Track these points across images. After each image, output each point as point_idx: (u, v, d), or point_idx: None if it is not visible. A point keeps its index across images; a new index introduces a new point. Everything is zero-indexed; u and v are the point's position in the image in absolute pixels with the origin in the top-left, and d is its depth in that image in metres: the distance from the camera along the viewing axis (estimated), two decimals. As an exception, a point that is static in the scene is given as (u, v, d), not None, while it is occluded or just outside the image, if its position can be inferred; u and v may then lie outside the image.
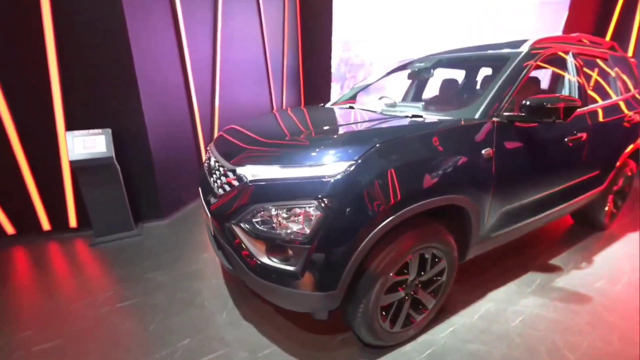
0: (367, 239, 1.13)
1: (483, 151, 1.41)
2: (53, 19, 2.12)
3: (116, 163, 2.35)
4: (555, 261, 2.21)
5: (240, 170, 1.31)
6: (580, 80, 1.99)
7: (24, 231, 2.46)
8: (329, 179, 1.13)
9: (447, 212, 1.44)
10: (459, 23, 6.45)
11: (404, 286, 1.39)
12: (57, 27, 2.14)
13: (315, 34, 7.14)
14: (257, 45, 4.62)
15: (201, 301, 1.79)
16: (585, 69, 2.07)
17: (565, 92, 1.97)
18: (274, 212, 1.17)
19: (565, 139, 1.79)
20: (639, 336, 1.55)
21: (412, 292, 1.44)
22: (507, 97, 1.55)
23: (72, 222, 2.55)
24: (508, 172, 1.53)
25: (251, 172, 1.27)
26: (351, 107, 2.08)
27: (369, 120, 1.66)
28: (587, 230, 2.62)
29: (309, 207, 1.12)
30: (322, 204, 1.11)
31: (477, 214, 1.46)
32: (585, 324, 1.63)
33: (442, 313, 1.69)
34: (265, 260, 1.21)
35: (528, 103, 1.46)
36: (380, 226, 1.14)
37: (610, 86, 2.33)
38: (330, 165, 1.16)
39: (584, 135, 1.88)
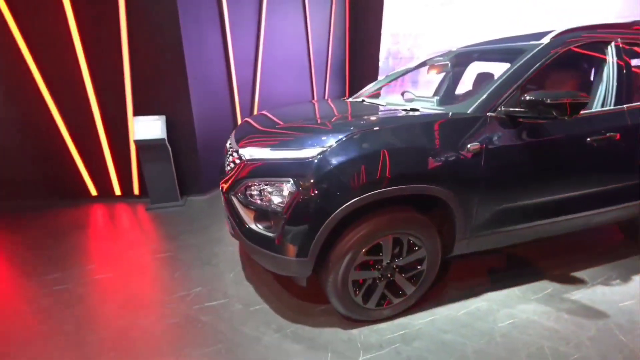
0: (332, 215, 1.28)
1: (469, 145, 1.41)
2: (128, 30, 2.67)
3: (167, 144, 2.85)
4: (581, 274, 2.01)
5: (241, 151, 1.57)
6: (623, 74, 1.75)
7: (103, 194, 3.17)
8: (304, 161, 1.31)
9: (432, 202, 1.49)
10: (518, 14, 5.81)
11: (379, 267, 1.50)
12: (130, 37, 2.69)
13: (364, 26, 7.13)
14: (300, 41, 4.88)
15: (217, 262, 2.13)
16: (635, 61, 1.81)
17: (601, 87, 1.77)
18: (261, 186, 1.39)
19: (588, 139, 1.63)
20: (653, 361, 1.39)
21: (389, 275, 1.54)
22: (509, 92, 1.50)
23: (136, 190, 3.17)
24: (503, 169, 1.49)
25: (249, 152, 1.52)
26: (363, 101, 2.18)
27: (366, 113, 1.76)
28: (640, 247, 2.28)
29: (287, 183, 1.32)
30: (297, 182, 1.29)
31: (462, 208, 1.47)
32: (587, 338, 1.51)
33: (427, 302, 1.73)
34: (252, 226, 1.45)
35: (527, 98, 1.40)
36: (344, 205, 1.27)
37: None
38: (307, 149, 1.33)
39: (618, 135, 1.68)
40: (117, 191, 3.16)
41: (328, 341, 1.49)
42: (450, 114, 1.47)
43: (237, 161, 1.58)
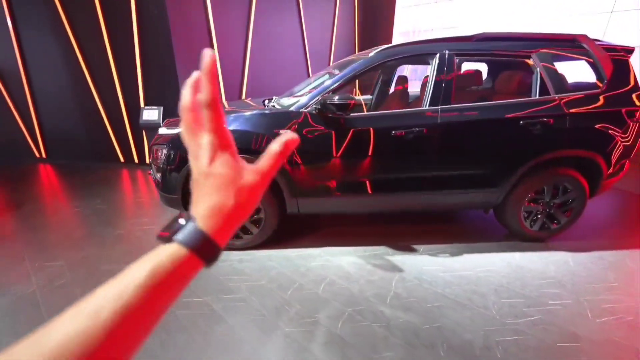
0: (182, 170, 2.09)
1: (281, 130, 2.05)
2: (139, 42, 3.82)
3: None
4: (422, 246, 2.41)
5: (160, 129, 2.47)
6: (441, 81, 2.11)
7: (126, 161, 4.49)
8: (169, 136, 2.15)
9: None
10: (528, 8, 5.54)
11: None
12: (141, 44, 3.84)
13: (375, 26, 7.45)
14: (294, 44, 5.62)
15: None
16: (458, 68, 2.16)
17: (426, 90, 2.16)
18: (160, 149, 2.27)
19: (393, 132, 2.08)
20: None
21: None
22: (318, 95, 2.07)
23: (147, 160, 4.42)
24: (308, 150, 2.08)
25: (165, 131, 2.40)
26: (264, 101, 2.86)
27: (240, 109, 2.46)
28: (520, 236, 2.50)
29: (164, 148, 2.17)
30: (167, 147, 2.14)
31: (281, 177, 2.12)
32: (367, 281, 2.02)
33: (275, 245, 2.41)
34: (157, 176, 2.35)
35: (320, 99, 1.98)
36: (187, 165, 2.06)
37: (511, 85, 2.25)
38: (173, 130, 2.16)
39: (425, 130, 2.08)
40: (135, 159, 4.46)
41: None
42: (268, 110, 2.13)
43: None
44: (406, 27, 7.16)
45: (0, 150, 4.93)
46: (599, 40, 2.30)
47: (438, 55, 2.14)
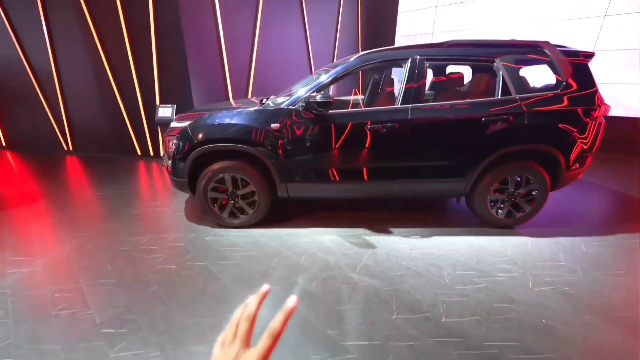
0: (189, 158, 2.47)
1: (273, 125, 2.40)
2: (156, 46, 4.27)
3: (176, 123, 4.40)
4: (397, 229, 2.71)
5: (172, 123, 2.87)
6: (412, 82, 2.41)
7: (143, 154, 4.96)
8: (179, 129, 2.54)
9: (256, 158, 2.52)
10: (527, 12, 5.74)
11: (227, 193, 2.62)
12: (158, 50, 4.29)
13: (377, 29, 7.74)
14: (298, 46, 5.98)
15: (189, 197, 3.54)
16: (431, 71, 2.45)
17: (399, 90, 2.47)
18: (171, 140, 2.66)
19: (369, 126, 2.39)
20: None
21: (236, 199, 2.64)
22: (305, 94, 2.41)
23: (162, 153, 4.87)
24: (295, 141, 2.42)
25: (176, 124, 2.80)
26: (261, 100, 3.22)
27: (245, 106, 2.83)
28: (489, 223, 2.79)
29: (174, 139, 2.56)
30: (177, 138, 2.53)
31: (273, 165, 2.47)
32: (343, 254, 2.35)
33: (269, 225, 2.76)
34: (169, 163, 2.74)
35: (304, 96, 2.32)
36: (192, 154, 2.45)
37: (480, 87, 2.53)
38: (182, 124, 2.56)
39: (397, 125, 2.39)
40: (151, 152, 4.92)
41: (198, 229, 2.70)
42: (262, 106, 2.48)
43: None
44: (408, 30, 7.40)
45: (34, 143, 5.52)
46: (561, 46, 2.54)
47: (410, 60, 2.45)
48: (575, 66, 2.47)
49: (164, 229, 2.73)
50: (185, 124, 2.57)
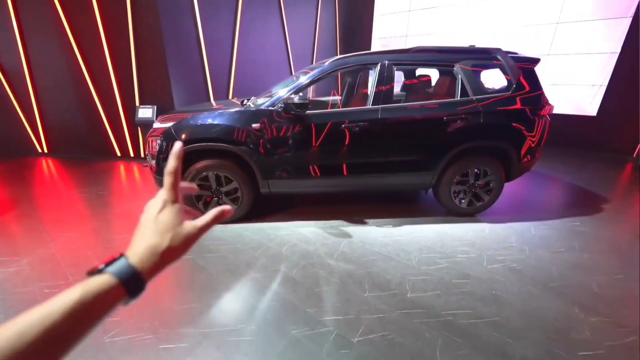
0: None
1: (254, 125, 2.57)
2: (135, 54, 4.28)
3: (156, 124, 4.44)
4: (373, 220, 2.95)
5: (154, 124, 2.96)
6: (381, 84, 2.65)
7: (123, 155, 4.95)
8: (162, 129, 2.64)
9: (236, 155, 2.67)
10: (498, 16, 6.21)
11: (211, 190, 2.75)
12: (137, 50, 4.31)
13: (355, 31, 8.01)
14: (278, 48, 6.12)
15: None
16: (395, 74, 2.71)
17: (370, 92, 2.70)
18: (155, 140, 2.75)
19: (343, 125, 2.61)
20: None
21: (220, 196, 2.78)
22: (284, 96, 2.59)
23: (142, 154, 4.88)
24: (276, 140, 2.60)
25: (159, 125, 2.88)
26: (242, 101, 3.36)
27: (226, 107, 2.97)
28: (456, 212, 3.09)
29: (157, 139, 2.66)
30: (160, 139, 2.63)
31: (255, 162, 2.63)
32: (321, 244, 2.55)
33: (252, 220, 2.92)
34: (152, 162, 2.83)
35: (282, 99, 2.51)
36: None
37: (443, 89, 2.83)
38: (165, 125, 2.67)
39: (367, 124, 2.62)
40: (132, 153, 4.91)
41: (184, 226, 2.82)
42: (244, 108, 2.64)
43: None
44: (383, 33, 7.71)
45: (3, 145, 5.33)
46: (512, 53, 2.87)
47: (379, 64, 2.68)
48: (524, 70, 2.80)
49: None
50: (169, 124, 2.68)
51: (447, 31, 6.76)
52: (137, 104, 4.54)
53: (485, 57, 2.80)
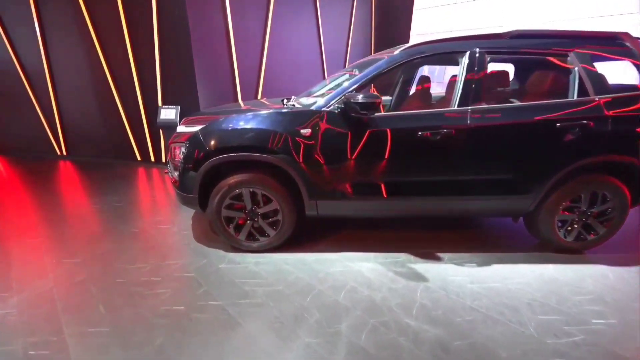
0: (200, 169, 2.04)
1: (302, 131, 1.98)
2: (159, 51, 3.85)
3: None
4: (447, 255, 2.28)
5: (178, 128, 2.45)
6: (471, 80, 2.00)
7: (143, 159, 4.53)
8: (188, 134, 2.11)
9: (281, 169, 2.10)
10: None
11: (245, 211, 2.19)
12: (161, 46, 3.87)
13: (392, 27, 7.36)
14: (311, 45, 5.58)
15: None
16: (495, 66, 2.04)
17: (455, 89, 2.05)
18: (178, 148, 2.24)
19: (420, 133, 1.98)
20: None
21: (255, 219, 2.21)
22: (340, 94, 1.99)
23: (164, 159, 4.44)
24: (330, 149, 2.00)
25: (183, 129, 2.37)
26: (282, 100, 2.79)
27: (257, 108, 2.40)
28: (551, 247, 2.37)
29: (182, 147, 2.14)
30: (185, 146, 2.10)
31: (301, 178, 2.05)
32: (388, 289, 1.92)
33: (297, 247, 2.33)
34: (175, 174, 2.32)
35: (343, 97, 1.90)
36: (205, 164, 2.03)
37: (544, 86, 2.12)
38: (192, 129, 2.13)
39: (453, 131, 1.97)
40: (152, 158, 4.49)
41: (209, 254, 2.27)
42: (289, 109, 2.06)
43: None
44: (424, 29, 7.03)
45: (24, 147, 5.08)
46: (642, 39, 2.14)
47: (468, 53, 2.03)
48: (662, 62, 2.06)
49: (169, 253, 2.30)
50: (195, 128, 2.15)
51: (500, 25, 5.98)
52: (160, 103, 4.10)
53: (611, 43, 2.09)
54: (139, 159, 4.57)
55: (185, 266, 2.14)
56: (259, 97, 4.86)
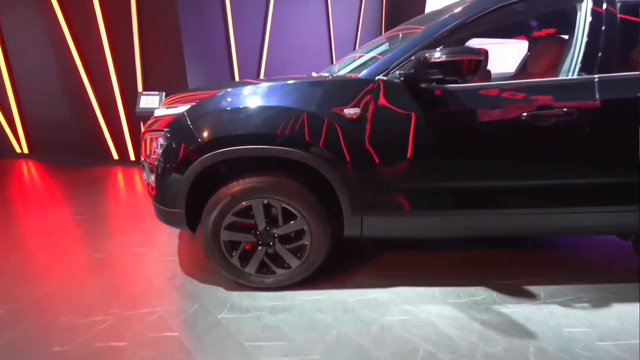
0: (188, 170, 1.33)
1: (346, 110, 1.29)
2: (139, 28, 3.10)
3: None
4: (540, 289, 1.62)
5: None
6: (598, 34, 1.34)
7: (121, 158, 3.76)
8: (170, 118, 1.40)
9: (313, 172, 1.41)
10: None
11: (255, 232, 1.48)
12: (140, 20, 3.12)
13: (404, 7, 6.74)
14: (318, 29, 4.88)
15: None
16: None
17: (568, 51, 1.39)
18: (155, 139, 1.51)
19: (525, 114, 1.30)
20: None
21: (270, 243, 1.51)
22: (407, 54, 1.30)
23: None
24: (388, 138, 1.31)
25: (163, 112, 1.65)
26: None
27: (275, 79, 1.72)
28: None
29: (160, 137, 1.42)
30: (165, 136, 1.38)
31: (343, 182, 1.35)
32: (483, 354, 1.24)
33: (326, 282, 1.64)
34: (151, 178, 1.59)
35: (414, 58, 1.21)
36: (195, 163, 1.32)
37: None
38: (174, 110, 1.42)
39: (575, 113, 1.30)
40: (132, 156, 3.73)
41: (203, 295, 1.56)
42: (330, 76, 1.36)
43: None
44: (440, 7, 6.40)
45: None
46: None
47: (588, 2, 1.36)
48: None
49: (144, 294, 1.57)
50: (181, 109, 1.43)
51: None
52: (140, 89, 3.35)
53: None
54: (115, 157, 3.79)
55: (167, 318, 1.41)
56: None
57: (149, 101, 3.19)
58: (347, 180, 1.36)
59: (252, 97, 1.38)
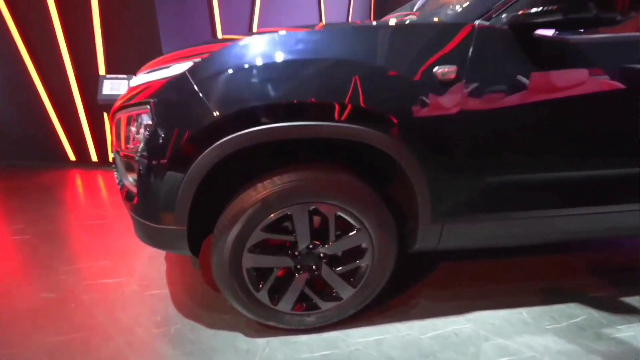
0: (197, 163, 0.84)
1: (437, 68, 0.87)
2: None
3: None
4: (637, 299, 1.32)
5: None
6: None
7: (79, 159, 3.06)
8: (158, 84, 0.90)
9: (378, 162, 0.98)
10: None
11: (293, 253, 1.02)
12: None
13: None
14: (310, 11, 4.45)
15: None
16: None
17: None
18: (134, 120, 0.99)
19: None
20: None
21: (313, 267, 1.05)
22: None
23: (111, 158, 3.02)
24: (479, 119, 0.92)
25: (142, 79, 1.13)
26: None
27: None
28: None
29: (143, 114, 0.91)
30: (151, 112, 0.88)
31: (425, 175, 0.93)
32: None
33: (380, 314, 1.21)
34: (129, 180, 1.07)
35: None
36: (208, 151, 0.83)
37: None
38: (167, 73, 0.93)
39: None
40: (93, 157, 3.04)
41: (216, 348, 1.06)
42: (407, 21, 0.94)
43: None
44: None
45: None
46: None
47: None
48: None
49: (120, 354, 1.05)
50: (177, 68, 0.93)
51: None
52: (103, 72, 2.69)
53: None
54: (72, 159, 3.07)
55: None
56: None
57: (114, 86, 2.55)
58: (432, 174, 0.94)
59: (306, 46, 0.90)
